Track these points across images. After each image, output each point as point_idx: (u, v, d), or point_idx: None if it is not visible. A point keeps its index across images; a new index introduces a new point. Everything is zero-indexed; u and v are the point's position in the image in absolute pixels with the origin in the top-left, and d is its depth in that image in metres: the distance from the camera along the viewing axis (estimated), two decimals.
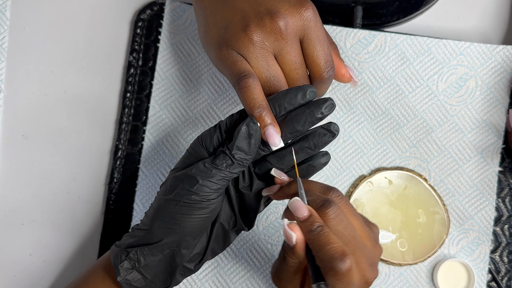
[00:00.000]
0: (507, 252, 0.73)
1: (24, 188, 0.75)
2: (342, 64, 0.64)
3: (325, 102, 0.56)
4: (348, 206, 0.56)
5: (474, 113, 0.73)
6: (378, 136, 0.74)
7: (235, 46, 0.58)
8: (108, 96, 0.76)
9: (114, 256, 0.60)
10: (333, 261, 0.52)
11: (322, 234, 0.53)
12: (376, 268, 0.56)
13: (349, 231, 0.54)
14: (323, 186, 0.57)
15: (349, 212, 0.56)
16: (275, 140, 0.55)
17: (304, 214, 0.54)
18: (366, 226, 0.57)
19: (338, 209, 0.54)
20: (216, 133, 0.57)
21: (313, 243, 0.53)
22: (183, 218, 0.57)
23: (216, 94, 0.74)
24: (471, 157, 0.73)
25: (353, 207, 0.57)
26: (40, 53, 0.76)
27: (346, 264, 0.52)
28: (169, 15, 0.75)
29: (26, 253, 0.74)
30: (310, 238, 0.53)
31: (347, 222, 0.54)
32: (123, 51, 0.76)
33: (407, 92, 0.73)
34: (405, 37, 0.73)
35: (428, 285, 0.73)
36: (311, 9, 0.59)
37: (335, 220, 0.54)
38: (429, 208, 0.72)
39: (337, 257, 0.52)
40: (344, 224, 0.54)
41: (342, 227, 0.54)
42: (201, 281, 0.73)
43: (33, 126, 0.75)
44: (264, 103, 0.56)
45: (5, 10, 0.76)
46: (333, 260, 0.52)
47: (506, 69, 0.73)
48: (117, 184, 0.74)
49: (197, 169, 0.56)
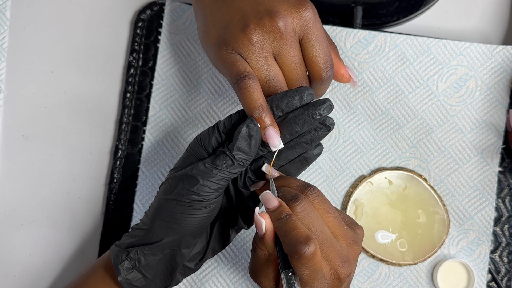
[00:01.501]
0: (507, 252, 0.73)
1: (24, 188, 0.75)
2: (341, 64, 0.64)
3: (324, 104, 0.56)
4: (323, 204, 0.57)
5: (474, 113, 0.73)
6: (378, 136, 0.74)
7: (234, 46, 0.58)
8: (108, 96, 0.76)
9: (114, 255, 0.60)
10: (298, 245, 0.52)
11: (289, 221, 0.54)
12: (350, 264, 0.56)
13: (317, 226, 0.55)
14: (301, 184, 0.57)
15: (322, 209, 0.56)
16: (275, 141, 0.55)
17: (274, 204, 0.55)
18: (344, 225, 0.57)
19: (307, 205, 0.55)
20: (214, 134, 0.57)
21: (280, 230, 0.54)
22: (183, 217, 0.57)
23: (216, 94, 0.74)
24: (471, 157, 0.73)
25: (331, 205, 0.57)
26: (40, 53, 0.76)
27: (310, 247, 0.52)
28: (169, 15, 0.75)
29: (26, 253, 0.74)
30: (278, 226, 0.54)
31: (315, 217, 0.55)
32: (123, 51, 0.76)
33: (407, 92, 0.73)
34: (405, 37, 0.73)
35: (428, 285, 0.73)
36: (310, 9, 0.59)
37: (301, 214, 0.54)
38: (429, 208, 0.72)
39: (301, 240, 0.52)
40: (311, 218, 0.54)
41: (308, 221, 0.54)
42: (201, 281, 0.73)
43: (33, 126, 0.75)
44: (264, 105, 0.56)
45: (5, 10, 0.76)
46: (297, 243, 0.52)
47: (506, 69, 0.73)
48: (117, 184, 0.74)
49: (198, 169, 0.56)
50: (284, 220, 0.54)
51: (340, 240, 0.56)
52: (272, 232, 0.55)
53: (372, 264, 0.73)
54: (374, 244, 0.72)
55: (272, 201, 0.55)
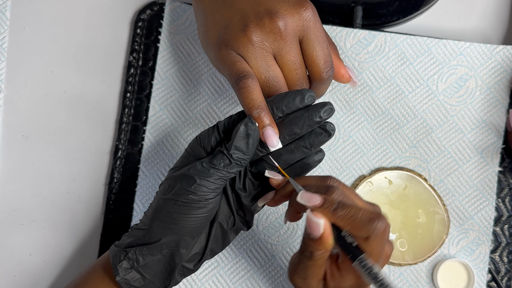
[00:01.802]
0: (507, 252, 0.73)
1: (24, 188, 0.75)
2: (341, 65, 0.64)
3: (324, 106, 0.56)
4: (348, 188, 0.57)
5: (474, 113, 0.73)
6: (378, 136, 0.74)
7: (234, 46, 0.58)
8: (108, 96, 0.76)
9: (113, 255, 0.60)
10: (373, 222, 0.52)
11: (349, 206, 0.53)
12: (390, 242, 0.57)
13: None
14: (318, 177, 0.57)
15: (351, 193, 0.56)
16: (273, 141, 0.55)
17: (318, 200, 0.54)
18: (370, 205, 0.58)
19: (342, 192, 0.55)
20: (214, 133, 0.57)
21: (342, 220, 0.53)
22: (181, 217, 0.57)
23: (216, 94, 0.74)
24: (471, 157, 0.73)
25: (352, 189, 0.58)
26: (40, 53, 0.76)
27: (383, 220, 0.53)
28: (169, 15, 0.75)
29: (26, 253, 0.74)
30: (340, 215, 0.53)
31: (353, 201, 0.55)
32: (123, 51, 0.76)
33: (407, 92, 0.73)
34: (405, 37, 0.73)
35: (428, 285, 0.73)
36: (310, 9, 0.59)
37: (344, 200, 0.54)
38: (429, 208, 0.72)
39: (374, 217, 0.53)
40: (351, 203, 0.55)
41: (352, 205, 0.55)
42: (201, 281, 0.73)
43: (33, 126, 0.75)
44: (263, 104, 0.56)
45: (5, 10, 0.76)
46: (372, 221, 0.53)
47: (506, 69, 0.73)
48: (117, 184, 0.74)
49: (195, 168, 0.56)
50: (342, 207, 0.53)
51: None
52: (330, 228, 0.54)
53: None
54: None
55: (315, 198, 0.54)
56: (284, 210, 0.73)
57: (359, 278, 0.56)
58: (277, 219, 0.73)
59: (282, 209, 0.73)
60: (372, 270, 0.54)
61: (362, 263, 0.54)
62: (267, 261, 0.73)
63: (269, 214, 0.73)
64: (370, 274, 0.54)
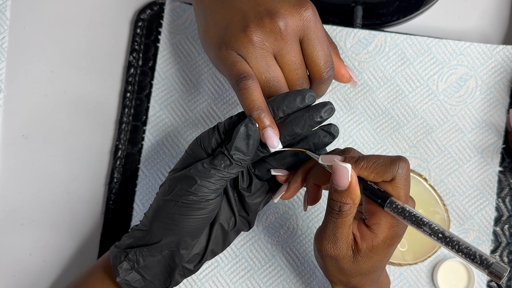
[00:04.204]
0: (507, 252, 0.73)
1: (24, 188, 0.75)
2: (341, 64, 0.64)
3: (325, 106, 0.56)
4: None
5: (474, 113, 0.73)
6: (378, 136, 0.74)
7: (234, 46, 0.58)
8: (108, 96, 0.76)
9: (114, 256, 0.60)
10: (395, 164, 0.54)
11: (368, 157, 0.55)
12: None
13: None
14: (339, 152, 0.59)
15: None
16: (273, 142, 0.55)
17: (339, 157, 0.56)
18: None
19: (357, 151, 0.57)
20: (214, 135, 0.57)
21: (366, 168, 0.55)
22: (181, 218, 0.57)
23: (216, 94, 0.74)
24: (471, 157, 0.73)
25: None
26: (40, 53, 0.76)
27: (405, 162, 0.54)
28: (169, 15, 0.75)
29: (26, 253, 0.74)
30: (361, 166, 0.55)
31: None
32: (123, 51, 0.76)
33: (407, 92, 0.73)
34: (405, 37, 0.73)
35: (428, 285, 0.73)
36: (310, 9, 0.59)
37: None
38: (429, 208, 0.72)
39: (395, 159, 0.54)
40: None
41: None
42: (201, 281, 0.73)
43: (33, 126, 0.75)
44: (263, 105, 0.56)
45: (5, 10, 0.76)
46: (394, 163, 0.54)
47: (506, 69, 0.73)
48: (117, 184, 0.74)
49: (196, 169, 0.56)
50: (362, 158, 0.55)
51: None
52: (356, 178, 0.55)
53: None
54: None
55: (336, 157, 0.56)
56: (284, 210, 0.73)
57: (392, 227, 0.56)
58: (277, 219, 0.73)
59: (282, 209, 0.73)
60: (405, 209, 0.54)
61: (394, 205, 0.54)
62: (267, 261, 0.73)
63: (269, 214, 0.73)
64: (404, 213, 0.54)
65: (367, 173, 0.55)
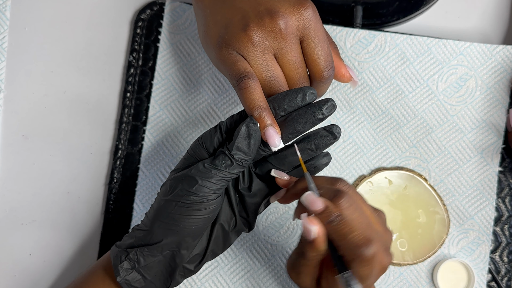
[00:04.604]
0: (507, 252, 0.73)
1: (24, 188, 0.75)
2: (342, 64, 0.64)
3: (326, 103, 0.56)
4: (357, 194, 0.56)
5: (474, 113, 0.73)
6: (378, 136, 0.74)
7: (235, 46, 0.58)
8: (108, 96, 0.76)
9: (114, 256, 0.60)
10: (359, 249, 0.52)
11: (343, 223, 0.53)
12: (389, 252, 0.57)
13: (364, 219, 0.54)
14: (329, 178, 0.57)
15: (359, 199, 0.56)
16: (275, 140, 0.55)
17: (320, 206, 0.54)
18: (375, 212, 0.57)
19: (350, 198, 0.54)
20: (216, 134, 0.57)
21: (335, 233, 0.53)
22: (182, 218, 0.57)
23: (216, 94, 0.74)
24: (471, 157, 0.73)
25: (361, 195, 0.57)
26: (40, 53, 0.76)
27: (372, 249, 0.52)
28: (169, 15, 0.75)
29: (26, 253, 0.74)
30: (331, 229, 0.54)
31: (361, 209, 0.55)
32: (123, 51, 0.76)
33: (407, 92, 0.73)
34: (405, 37, 0.73)
35: (428, 285, 0.73)
36: (311, 9, 0.59)
37: (350, 209, 0.54)
38: (429, 208, 0.72)
39: (362, 244, 0.52)
40: (359, 212, 0.54)
41: (358, 215, 0.54)
42: (201, 281, 0.73)
43: (33, 126, 0.75)
44: (264, 104, 0.56)
45: (5, 10, 0.76)
46: (358, 247, 0.52)
47: (506, 69, 0.73)
48: (117, 184, 0.74)
49: (197, 169, 0.56)
50: (337, 222, 0.53)
51: (377, 227, 0.56)
52: (324, 236, 0.54)
53: None
54: None
55: (317, 203, 0.54)
56: (284, 210, 0.73)
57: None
58: (277, 219, 0.73)
59: (282, 209, 0.73)
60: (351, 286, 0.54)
61: (345, 279, 0.54)
62: (267, 261, 0.73)
63: (269, 214, 0.73)
64: None
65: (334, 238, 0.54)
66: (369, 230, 0.54)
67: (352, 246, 0.53)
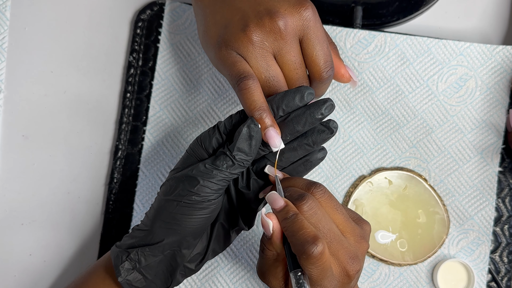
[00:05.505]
0: (507, 252, 0.73)
1: (24, 188, 0.75)
2: (341, 64, 0.64)
3: (325, 103, 0.56)
4: (330, 201, 0.56)
5: (474, 113, 0.73)
6: (378, 136, 0.74)
7: (234, 46, 0.58)
8: (108, 96, 0.76)
9: (115, 256, 0.60)
10: (305, 245, 0.52)
11: (296, 220, 0.53)
12: (359, 261, 0.56)
13: (325, 224, 0.54)
14: (306, 182, 0.57)
15: (329, 206, 0.56)
16: (275, 141, 0.56)
17: (280, 204, 0.55)
18: (351, 222, 0.57)
19: (313, 203, 0.54)
20: (215, 134, 0.57)
21: (288, 230, 0.54)
22: (183, 218, 0.57)
23: (216, 94, 0.74)
24: (471, 157, 0.73)
25: (337, 202, 0.57)
26: (40, 53, 0.76)
27: (318, 247, 0.52)
28: (169, 15, 0.75)
29: (26, 253, 0.74)
30: (285, 226, 0.54)
31: (323, 215, 0.55)
32: (123, 51, 0.76)
33: (407, 92, 0.73)
34: (405, 37, 0.73)
35: (428, 285, 0.73)
36: (310, 9, 0.59)
37: (309, 213, 0.54)
38: (429, 208, 0.72)
39: (308, 240, 0.52)
40: (318, 217, 0.54)
41: (316, 220, 0.54)
42: (201, 281, 0.73)
43: (33, 126, 0.75)
44: (264, 105, 0.56)
45: (5, 10, 0.76)
46: (305, 243, 0.52)
47: (506, 69, 0.73)
48: (117, 184, 0.74)
49: (198, 169, 0.56)
50: (291, 220, 0.54)
51: (348, 237, 0.56)
52: (280, 233, 0.55)
53: (372, 264, 0.73)
54: (374, 244, 0.72)
55: (278, 201, 0.55)
56: None
57: None
58: None
59: None
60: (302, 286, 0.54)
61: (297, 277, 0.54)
62: None
63: None
64: None
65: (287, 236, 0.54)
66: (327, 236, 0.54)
67: (300, 242, 0.53)
